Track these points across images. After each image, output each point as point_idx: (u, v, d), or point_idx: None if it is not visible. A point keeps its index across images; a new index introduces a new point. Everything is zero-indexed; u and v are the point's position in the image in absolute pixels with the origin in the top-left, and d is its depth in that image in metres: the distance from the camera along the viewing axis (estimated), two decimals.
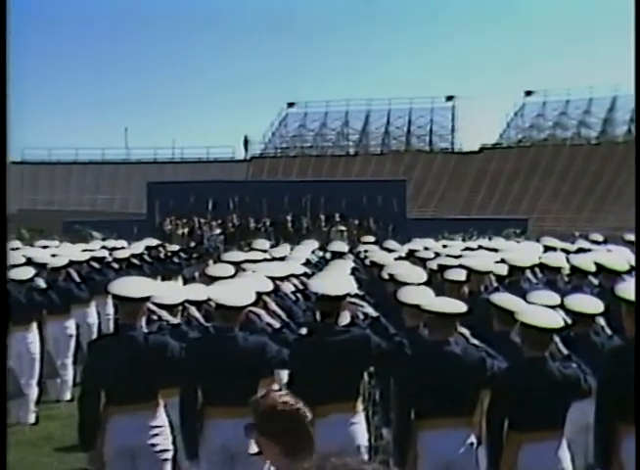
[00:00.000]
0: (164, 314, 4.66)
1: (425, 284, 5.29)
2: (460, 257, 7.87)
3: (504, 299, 4.70)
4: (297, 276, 6.55)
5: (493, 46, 74.23)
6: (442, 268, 6.74)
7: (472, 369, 4.10)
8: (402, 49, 71.70)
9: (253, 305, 4.53)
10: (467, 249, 9.95)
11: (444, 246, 10.68)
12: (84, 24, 68.23)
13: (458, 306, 4.22)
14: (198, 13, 69.72)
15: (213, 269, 6.39)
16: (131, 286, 4.44)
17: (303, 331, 4.55)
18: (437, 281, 6.57)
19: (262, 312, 4.69)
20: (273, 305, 4.92)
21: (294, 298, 5.97)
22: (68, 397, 8.39)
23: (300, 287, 6.37)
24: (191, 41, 72.95)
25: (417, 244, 10.41)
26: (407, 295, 4.76)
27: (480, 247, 10.31)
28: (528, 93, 40.66)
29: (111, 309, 9.99)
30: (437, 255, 8.55)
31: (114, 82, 71.33)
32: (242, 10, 67.24)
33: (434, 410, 4.06)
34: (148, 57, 72.69)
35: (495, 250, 9.29)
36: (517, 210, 32.38)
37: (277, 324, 4.63)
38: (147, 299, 4.44)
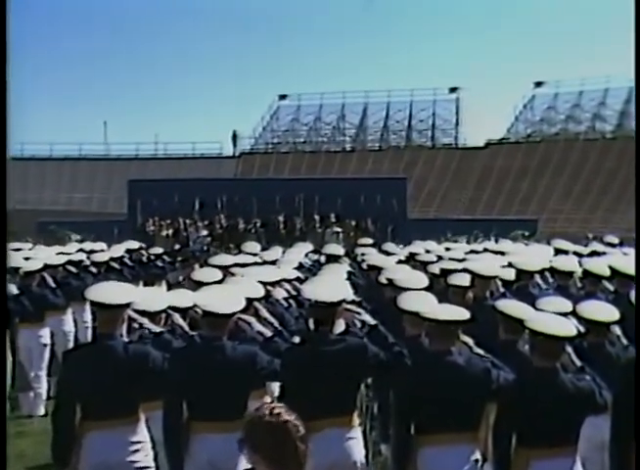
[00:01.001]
0: (146, 322, 4.66)
1: (426, 289, 5.29)
2: (464, 260, 7.87)
3: (511, 305, 4.71)
4: (289, 281, 6.55)
5: (500, 33, 74.33)
6: (445, 273, 6.75)
7: (476, 381, 4.11)
8: (403, 37, 71.97)
9: (243, 311, 4.53)
10: (471, 252, 9.98)
11: (447, 248, 10.69)
12: (63, 17, 68.28)
13: (461, 314, 4.23)
14: (183, 4, 69.82)
15: (200, 274, 6.38)
16: (110, 292, 4.44)
17: (296, 340, 4.56)
18: (440, 286, 6.58)
19: (252, 320, 4.69)
20: (264, 312, 4.92)
21: (286, 304, 5.98)
22: (41, 411, 8.37)
23: (293, 293, 6.37)
24: (176, 32, 73.13)
25: (418, 246, 10.43)
26: (407, 301, 4.77)
27: (485, 250, 10.33)
28: (539, 84, 40.70)
29: (88, 317, 9.96)
30: (440, 258, 8.55)
31: (93, 75, 71.39)
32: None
33: (436, 425, 4.06)
34: (128, 48, 72.84)
35: (502, 253, 9.30)
36: (525, 210, 32.47)
37: (268, 333, 4.64)
38: (127, 305, 4.44)
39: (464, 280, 6.19)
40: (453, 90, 41.19)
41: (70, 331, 9.45)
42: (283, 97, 42.96)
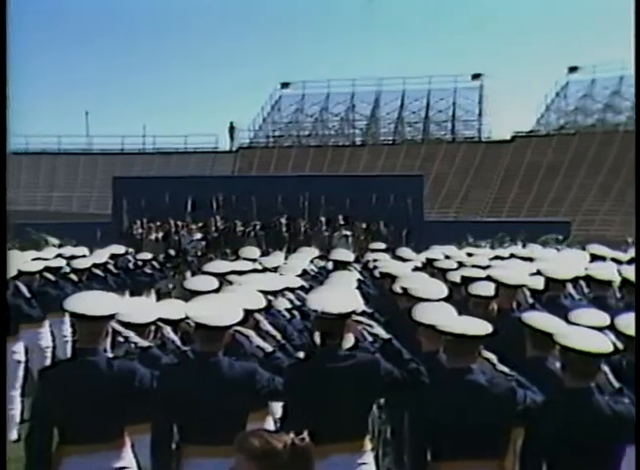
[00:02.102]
0: (133, 336, 4.68)
1: (445, 300, 5.31)
2: (487, 267, 7.89)
3: (540, 318, 4.72)
4: (292, 290, 6.57)
5: (529, 12, 73.99)
6: (466, 281, 6.76)
7: (500, 402, 4.12)
8: (419, 18, 71.88)
9: (241, 324, 4.55)
10: (496, 258, 9.99)
11: (469, 254, 10.70)
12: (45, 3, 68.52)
13: (483, 327, 4.24)
14: None
15: (193, 282, 6.41)
16: (93, 302, 4.46)
17: (300, 356, 4.58)
18: (460, 296, 6.59)
19: (252, 333, 4.71)
20: (265, 325, 4.95)
21: (289, 316, 6.00)
22: (13, 436, 8.39)
23: (297, 303, 6.39)
24: (165, 14, 73.24)
25: (436, 252, 10.43)
26: (424, 313, 4.78)
27: (511, 256, 10.34)
28: (573, 69, 40.45)
29: (68, 330, 10.00)
30: (460, 265, 8.57)
31: (73, 59, 71.65)
32: None
33: (456, 451, 4.07)
34: (112, 30, 73.03)
35: (530, 259, 9.30)
36: (557, 211, 32.41)
37: (269, 347, 4.65)
38: (112, 317, 4.46)
39: (487, 289, 6.20)
40: (476, 77, 41.15)
41: (48, 346, 9.48)
42: (285, 85, 43.01)
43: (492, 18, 70.94)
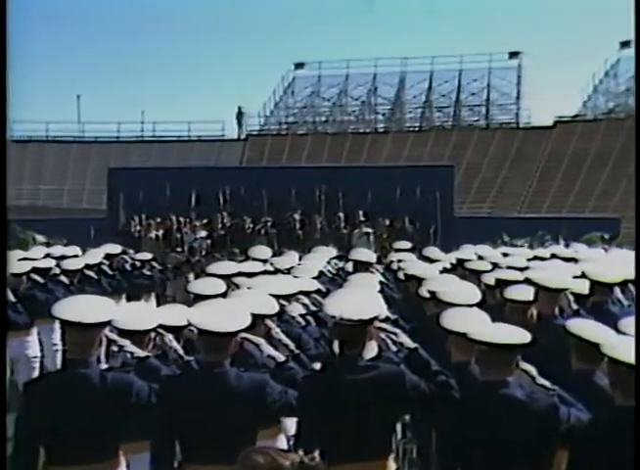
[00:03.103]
0: (129, 345, 4.70)
1: (478, 305, 5.31)
2: (526, 269, 7.88)
3: (586, 326, 4.70)
4: (307, 294, 6.59)
5: None
6: (502, 284, 6.76)
7: (540, 420, 4.11)
8: None
9: (250, 330, 4.57)
10: (535, 258, 9.98)
11: (505, 254, 10.70)
12: None
13: (521, 336, 4.24)
14: None
15: (197, 285, 6.44)
16: (85, 307, 4.49)
17: (316, 366, 4.59)
18: (495, 301, 6.58)
19: (262, 341, 4.74)
20: (278, 332, 4.96)
21: (303, 322, 6.02)
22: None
23: (312, 308, 6.41)
24: None
25: (468, 251, 10.44)
26: (454, 319, 4.78)
27: (553, 256, 10.32)
28: (625, 44, 40.05)
29: (57, 339, 10.06)
30: (495, 266, 8.57)
31: (64, 39, 71.94)
32: None
33: None
34: (109, 13, 73.25)
35: (574, 260, 9.29)
36: (605, 206, 32.24)
37: (281, 357, 4.67)
38: (106, 324, 4.48)
39: (525, 294, 6.19)
40: (514, 55, 40.96)
41: (35, 356, 9.56)
42: (299, 65, 43.01)
43: None
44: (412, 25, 69.07)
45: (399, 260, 10.06)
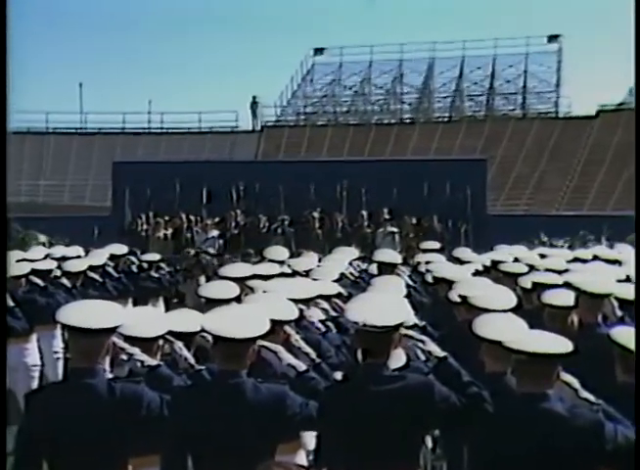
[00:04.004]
0: (138, 353, 4.73)
1: (513, 311, 5.30)
2: (566, 271, 7.85)
3: (632, 335, 4.69)
4: (328, 298, 6.60)
5: None
6: (539, 288, 6.73)
7: (583, 437, 4.09)
8: None
9: (267, 337, 4.58)
10: (576, 260, 9.93)
11: (542, 255, 10.65)
12: None
13: (562, 344, 4.23)
14: None
15: (209, 288, 6.46)
16: (90, 312, 4.51)
17: (338, 376, 4.60)
18: (533, 306, 6.56)
19: (281, 349, 4.75)
20: (298, 340, 4.98)
21: (323, 329, 6.03)
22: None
23: (333, 314, 6.42)
24: None
25: (502, 252, 10.41)
26: (488, 326, 4.77)
27: (595, 257, 10.27)
28: None
29: (59, 346, 10.12)
30: (532, 268, 8.55)
31: (69, 27, 72.16)
32: None
33: None
34: None
35: (619, 262, 9.23)
36: None
37: (303, 366, 4.69)
38: (113, 330, 4.51)
39: (565, 299, 6.17)
40: (553, 39, 40.78)
41: (35, 365, 9.61)
42: (319, 51, 43.01)
43: None
44: (441, 8, 68.95)
45: (427, 262, 10.03)
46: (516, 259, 9.54)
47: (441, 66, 41.70)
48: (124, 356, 4.69)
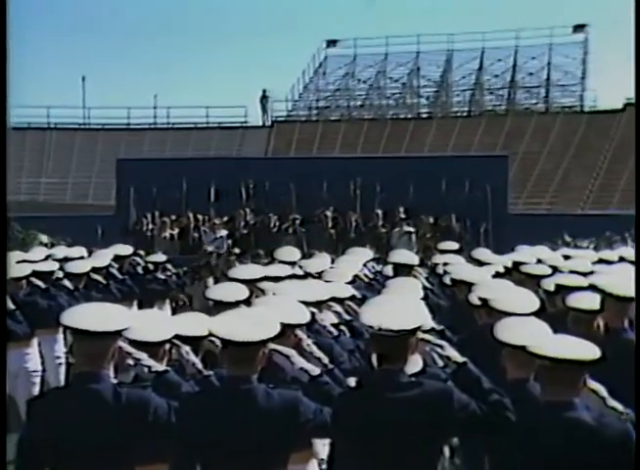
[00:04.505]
0: (145, 358, 4.74)
1: (536, 314, 5.29)
2: (591, 273, 7.83)
3: None
4: (341, 301, 6.61)
5: None
6: (563, 291, 6.72)
7: (611, 448, 4.09)
8: None
9: (278, 342, 4.59)
10: (601, 261, 9.91)
11: (566, 256, 10.64)
12: None
13: (589, 350, 4.22)
14: None
15: (217, 291, 6.48)
16: (94, 315, 4.52)
17: (351, 382, 4.60)
18: (556, 310, 6.55)
19: (293, 353, 4.76)
20: (309, 344, 4.99)
21: (336, 333, 6.04)
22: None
23: (347, 317, 6.42)
24: None
25: (524, 253, 10.39)
26: (509, 330, 4.76)
27: (621, 259, 10.25)
28: None
29: (61, 350, 10.15)
30: (556, 270, 8.54)
31: (71, 17, 72.36)
32: None
33: None
34: None
35: None
36: None
37: (316, 370, 4.70)
38: (118, 334, 4.53)
39: (590, 302, 6.16)
40: (578, 28, 40.63)
41: (36, 370, 9.64)
42: (332, 43, 43.02)
43: None
44: None
45: (445, 263, 10.04)
46: (538, 261, 9.53)
47: (460, 58, 41.62)
48: (131, 361, 4.70)
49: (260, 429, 4.31)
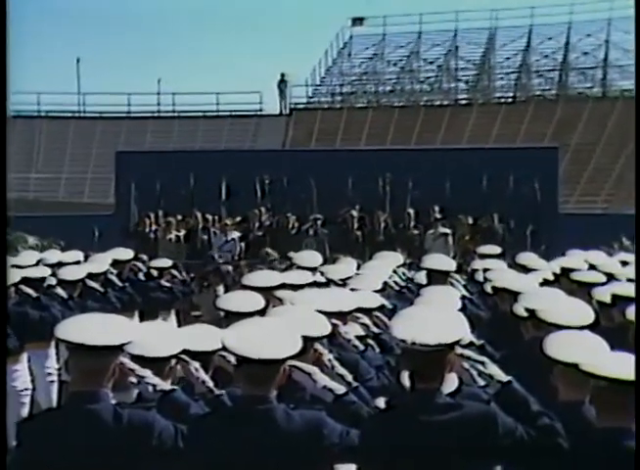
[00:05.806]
0: (149, 375, 4.75)
1: (590, 328, 5.28)
2: None
3: None
4: (368, 311, 6.61)
5: None
6: (620, 301, 6.70)
7: None
8: None
9: (299, 358, 4.61)
10: None
11: (624, 262, 10.60)
12: None
13: None
14: None
15: (229, 300, 6.49)
16: (92, 327, 4.55)
17: (380, 403, 4.61)
18: (613, 323, 6.53)
19: (315, 370, 4.77)
20: (330, 359, 5.00)
21: (362, 347, 6.04)
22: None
23: (374, 329, 6.42)
24: None
25: (576, 258, 10.37)
26: (561, 346, 4.76)
27: None
28: None
29: (54, 367, 10.20)
30: (611, 277, 8.50)
31: None
32: None
33: None
34: None
35: None
36: None
37: (342, 388, 4.70)
38: (120, 348, 4.55)
39: None
40: None
41: (25, 389, 9.68)
42: (358, 21, 42.96)
43: None
44: None
45: (486, 269, 10.02)
46: (592, 267, 9.50)
47: (504, 36, 41.42)
48: (133, 379, 4.70)
49: (280, 454, 4.33)
